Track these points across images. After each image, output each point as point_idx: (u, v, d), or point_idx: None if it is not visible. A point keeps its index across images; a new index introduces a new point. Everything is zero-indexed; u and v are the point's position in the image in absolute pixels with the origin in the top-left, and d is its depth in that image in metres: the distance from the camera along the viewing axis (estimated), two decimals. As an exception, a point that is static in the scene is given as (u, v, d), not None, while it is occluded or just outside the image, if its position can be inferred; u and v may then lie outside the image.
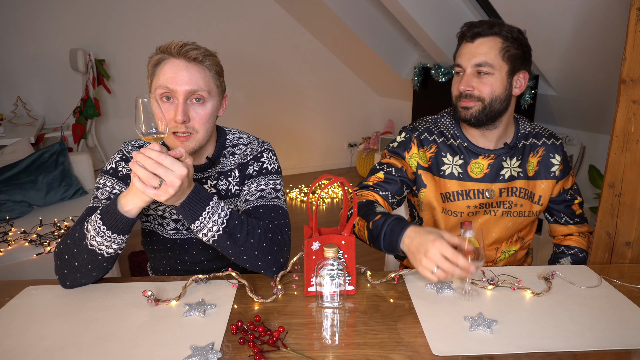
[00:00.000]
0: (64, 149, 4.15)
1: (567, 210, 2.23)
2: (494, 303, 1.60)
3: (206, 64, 1.79)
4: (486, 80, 1.94)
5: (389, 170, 2.13)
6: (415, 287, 1.72)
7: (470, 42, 1.95)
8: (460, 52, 1.99)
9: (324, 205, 6.38)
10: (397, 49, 6.60)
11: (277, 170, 2.00)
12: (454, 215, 2.12)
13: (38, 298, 1.67)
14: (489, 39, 1.93)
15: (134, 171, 1.48)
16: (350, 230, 1.63)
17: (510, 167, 2.09)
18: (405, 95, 7.13)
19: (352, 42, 6.67)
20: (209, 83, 1.79)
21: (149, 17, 6.36)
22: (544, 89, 4.71)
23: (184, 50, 1.74)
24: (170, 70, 1.74)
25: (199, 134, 1.79)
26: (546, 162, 2.13)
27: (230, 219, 1.67)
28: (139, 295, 1.66)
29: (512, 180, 2.10)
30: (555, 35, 3.86)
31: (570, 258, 2.19)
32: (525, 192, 2.11)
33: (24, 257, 3.08)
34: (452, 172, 2.10)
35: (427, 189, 2.13)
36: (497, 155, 2.08)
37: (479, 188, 2.09)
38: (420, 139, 2.13)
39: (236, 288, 1.70)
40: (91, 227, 1.61)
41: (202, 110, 1.78)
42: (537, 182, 2.13)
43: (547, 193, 2.14)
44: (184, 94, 1.72)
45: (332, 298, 1.57)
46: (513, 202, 2.11)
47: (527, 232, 2.25)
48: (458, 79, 2.02)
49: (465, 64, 1.96)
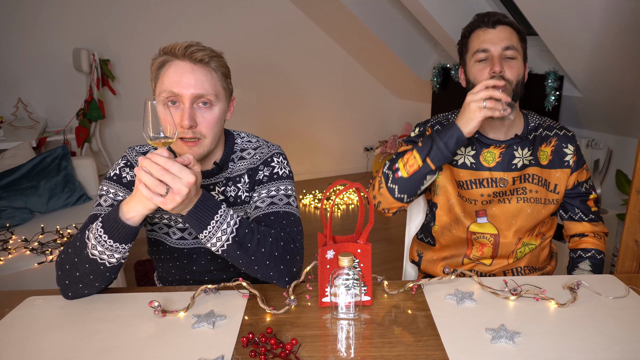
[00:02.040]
0: (67, 153, 4.18)
1: (582, 205, 2.26)
2: (517, 314, 1.60)
3: (212, 65, 1.79)
4: (512, 64, 2.05)
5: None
6: (435, 297, 1.72)
7: (492, 28, 2.05)
8: (483, 37, 2.06)
9: (338, 212, 6.38)
10: (415, 48, 6.60)
11: (288, 175, 2.00)
12: (469, 203, 2.18)
13: (39, 309, 1.67)
14: (506, 26, 2.06)
15: (139, 177, 1.48)
16: (367, 238, 1.63)
17: (522, 156, 2.16)
18: (423, 96, 7.12)
19: (368, 41, 6.67)
20: (216, 86, 1.80)
21: (155, 14, 6.39)
22: (569, 90, 4.69)
23: (189, 51, 1.74)
24: (174, 73, 1.74)
25: (207, 139, 1.79)
26: (560, 151, 2.20)
27: (239, 227, 1.67)
28: (145, 306, 1.66)
29: (524, 169, 2.16)
30: (581, 35, 3.85)
31: (589, 261, 2.22)
32: (539, 179, 2.17)
33: (24, 267, 3.08)
34: (464, 162, 2.18)
35: (443, 173, 2.22)
36: (508, 145, 2.16)
37: (492, 177, 2.15)
38: (434, 129, 2.21)
39: (247, 298, 1.71)
40: (92, 236, 1.62)
41: (210, 115, 1.79)
42: (552, 171, 2.19)
43: (562, 182, 2.19)
44: (190, 98, 1.73)
45: (348, 309, 1.57)
46: (527, 188, 2.16)
47: (547, 228, 2.28)
48: (484, 64, 2.08)
49: (492, 48, 2.04)
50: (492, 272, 2.22)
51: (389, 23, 6.31)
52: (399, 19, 6.29)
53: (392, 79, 7.61)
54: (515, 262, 2.21)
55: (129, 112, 6.53)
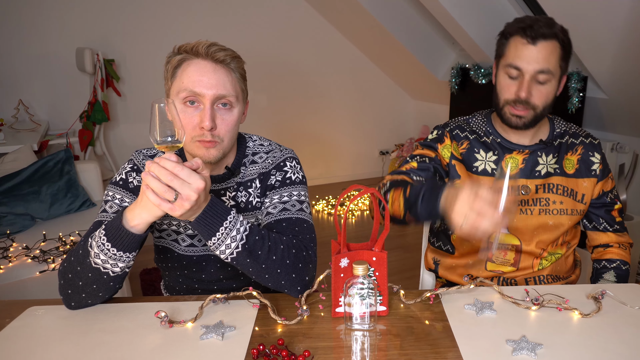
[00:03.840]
0: (70, 157, 4.19)
1: (607, 215, 2.27)
2: (539, 325, 1.60)
3: (232, 66, 1.80)
4: (543, 88, 2.01)
5: (422, 160, 2.21)
6: (453, 307, 1.72)
7: (532, 45, 1.96)
8: (520, 52, 1.99)
9: (353, 218, 6.38)
10: (433, 48, 6.60)
11: (301, 180, 2.00)
12: None
13: (41, 319, 1.68)
14: (550, 42, 1.97)
15: (146, 183, 1.48)
16: (382, 246, 1.64)
17: (546, 163, 2.17)
18: (441, 98, 7.12)
19: (383, 40, 6.68)
20: (236, 87, 1.81)
21: (162, 13, 6.41)
22: (594, 92, 4.68)
23: (211, 50, 1.75)
24: (195, 72, 1.74)
25: (224, 142, 1.80)
26: (586, 160, 2.20)
27: (250, 234, 1.67)
28: (151, 316, 1.65)
29: (548, 177, 2.16)
30: (606, 34, 3.84)
31: (614, 272, 2.21)
32: (564, 189, 2.17)
33: (26, 275, 3.09)
34: (485, 168, 2.19)
35: (462, 180, 2.20)
36: (531, 151, 2.16)
37: (515, 184, 2.15)
38: (452, 134, 2.23)
39: (257, 309, 1.71)
40: (95, 244, 1.62)
41: (229, 117, 1.80)
42: (579, 180, 2.19)
43: (589, 192, 2.20)
44: (212, 99, 1.74)
45: (362, 319, 1.58)
46: (550, 199, 2.16)
47: (571, 237, 2.29)
48: (513, 82, 2.05)
49: (526, 69, 1.99)
50: (515, 279, 2.22)
51: (405, 21, 6.31)
52: (416, 17, 6.29)
53: (408, 79, 7.61)
54: (539, 270, 2.21)
55: (134, 114, 6.56)
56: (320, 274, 1.76)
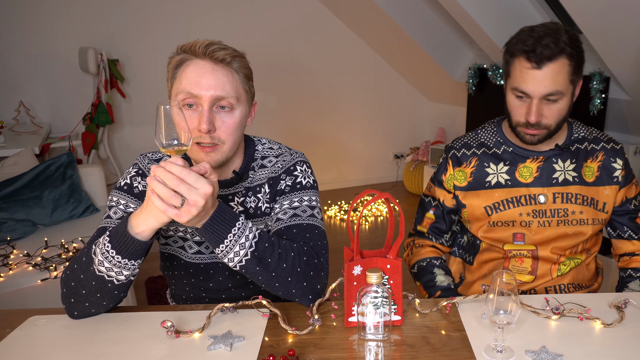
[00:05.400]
0: (73, 161, 4.21)
1: (632, 223, 2.25)
2: (559, 335, 1.60)
3: (234, 66, 1.79)
4: (554, 107, 2.01)
5: (435, 204, 2.37)
6: (470, 316, 1.72)
7: (538, 69, 1.94)
8: (525, 76, 1.98)
9: (366, 224, 6.38)
10: (449, 47, 6.57)
11: (312, 184, 2.00)
12: (506, 226, 2.19)
13: (43, 329, 1.69)
14: (556, 63, 1.93)
15: (152, 188, 1.48)
16: (397, 253, 1.64)
17: (563, 169, 2.16)
18: (458, 99, 7.10)
19: (398, 39, 6.67)
20: (238, 88, 1.80)
21: (168, 11, 6.42)
22: (616, 93, 4.65)
23: (210, 50, 1.74)
24: (193, 73, 1.74)
25: (226, 145, 1.79)
26: (607, 166, 2.19)
27: (259, 241, 1.66)
28: (157, 326, 1.66)
29: (566, 185, 2.16)
30: (629, 33, 3.82)
31: (639, 280, 2.19)
32: (584, 198, 2.16)
33: (27, 283, 3.10)
34: (498, 180, 2.20)
35: (467, 208, 2.25)
36: (546, 157, 2.16)
37: (530, 194, 2.16)
38: (457, 157, 2.26)
39: (267, 318, 1.72)
40: (99, 251, 1.62)
41: (230, 119, 1.78)
42: (600, 188, 2.18)
43: (611, 200, 2.19)
44: (210, 100, 1.73)
45: (376, 329, 1.58)
46: (569, 209, 2.15)
47: (592, 244, 2.29)
48: (522, 104, 2.04)
49: (533, 93, 1.98)
50: (534, 288, 2.22)
51: (420, 20, 6.29)
52: (432, 15, 6.27)
53: (424, 80, 7.60)
54: (559, 277, 2.21)
55: (139, 116, 6.57)
56: (332, 282, 1.76)
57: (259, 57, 5.99)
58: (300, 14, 7.07)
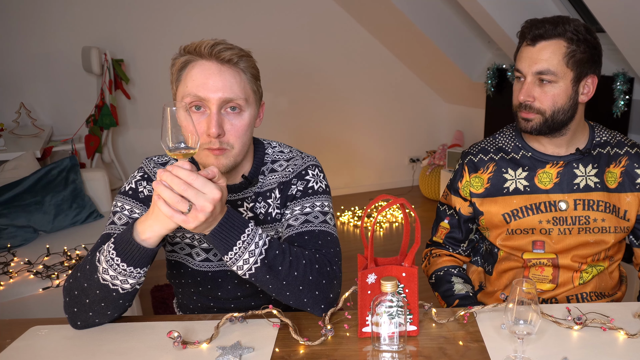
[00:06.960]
0: (76, 165, 4.22)
1: None
2: (582, 346, 1.60)
3: (241, 66, 1.79)
4: (548, 90, 2.03)
5: (450, 213, 2.38)
6: (489, 327, 1.72)
7: (531, 46, 2.02)
8: (520, 55, 2.07)
9: (381, 231, 6.37)
10: (467, 47, 6.56)
11: (324, 189, 2.00)
12: (525, 233, 2.18)
13: (44, 340, 1.70)
14: (552, 42, 2.00)
15: (158, 193, 1.48)
16: (412, 261, 1.64)
17: (585, 175, 2.15)
18: (476, 101, 7.07)
19: (414, 38, 6.66)
20: (246, 89, 1.80)
21: (174, 9, 6.42)
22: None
23: (216, 50, 1.73)
24: (200, 74, 1.74)
25: (235, 149, 1.80)
26: (631, 172, 2.17)
27: (269, 248, 1.66)
28: (163, 336, 1.66)
29: (588, 191, 2.14)
30: (655, 31, 3.82)
31: None
32: (606, 205, 2.14)
33: (28, 292, 3.11)
34: (516, 187, 2.19)
35: (485, 216, 2.24)
36: (566, 162, 2.15)
37: (550, 200, 2.15)
38: (473, 163, 2.26)
39: (278, 328, 1.72)
40: (103, 259, 1.62)
41: (239, 122, 1.79)
42: (622, 195, 2.16)
43: (633, 207, 2.17)
44: (218, 103, 1.73)
45: (391, 340, 1.58)
46: (591, 217, 2.14)
47: (615, 251, 2.27)
48: (519, 85, 2.10)
49: (525, 70, 2.04)
50: (555, 297, 2.22)
51: (437, 18, 6.28)
52: (449, 14, 6.27)
53: (440, 81, 7.58)
54: (581, 285, 2.20)
55: (144, 118, 6.56)
56: (345, 291, 1.75)
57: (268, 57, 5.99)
58: (312, 12, 7.06)
